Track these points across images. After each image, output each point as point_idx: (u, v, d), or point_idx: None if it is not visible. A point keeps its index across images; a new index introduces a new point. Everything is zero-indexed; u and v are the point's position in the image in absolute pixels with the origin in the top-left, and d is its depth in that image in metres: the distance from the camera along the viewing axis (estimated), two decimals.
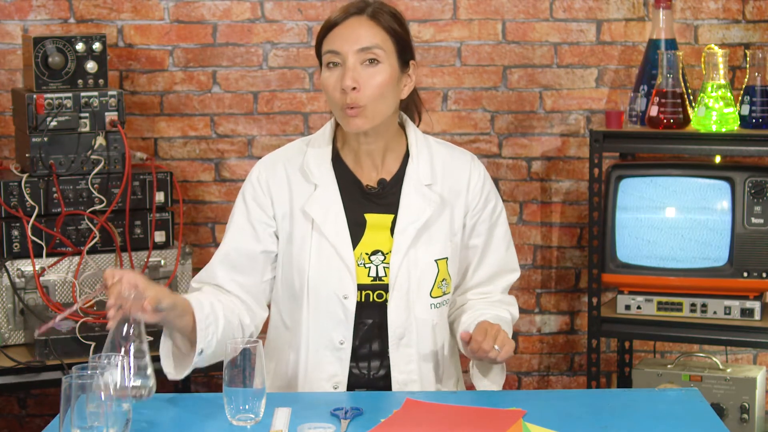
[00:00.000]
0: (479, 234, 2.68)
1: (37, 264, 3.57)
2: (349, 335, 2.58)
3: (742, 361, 4.22)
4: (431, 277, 2.61)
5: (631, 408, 2.43)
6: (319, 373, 2.60)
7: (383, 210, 2.62)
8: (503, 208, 2.74)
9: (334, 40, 2.54)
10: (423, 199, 2.61)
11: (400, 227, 2.59)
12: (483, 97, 4.21)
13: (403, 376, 2.60)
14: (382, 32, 2.54)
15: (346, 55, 2.52)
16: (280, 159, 2.67)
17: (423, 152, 2.65)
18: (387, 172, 2.64)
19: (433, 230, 2.62)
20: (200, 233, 4.22)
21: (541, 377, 4.33)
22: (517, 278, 2.76)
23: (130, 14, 4.11)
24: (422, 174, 2.63)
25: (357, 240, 2.59)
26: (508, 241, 2.75)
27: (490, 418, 2.33)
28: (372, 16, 2.55)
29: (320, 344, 2.59)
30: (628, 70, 4.17)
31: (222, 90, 4.17)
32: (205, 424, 2.32)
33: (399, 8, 2.67)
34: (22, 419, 4.24)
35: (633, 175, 3.82)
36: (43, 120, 3.60)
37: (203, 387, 4.23)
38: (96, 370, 2.06)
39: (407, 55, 2.60)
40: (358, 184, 2.63)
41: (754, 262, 3.72)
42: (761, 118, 3.73)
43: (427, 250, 2.60)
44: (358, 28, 2.53)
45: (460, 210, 2.66)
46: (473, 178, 2.67)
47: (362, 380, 2.62)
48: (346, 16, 2.55)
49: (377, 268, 2.59)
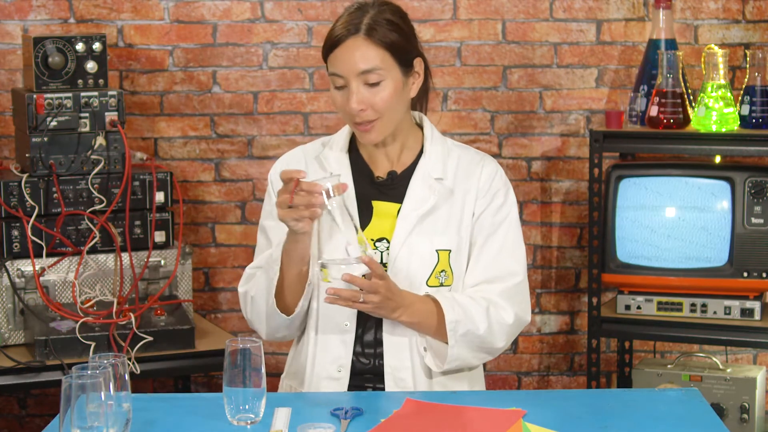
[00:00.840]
0: (479, 231, 2.67)
1: (37, 264, 3.57)
2: (353, 318, 2.61)
3: (742, 361, 4.22)
4: (430, 265, 2.61)
5: (631, 408, 2.43)
6: (325, 355, 2.63)
7: (391, 199, 2.67)
8: (513, 211, 2.70)
9: (336, 63, 2.57)
10: (429, 189, 2.64)
11: (403, 213, 2.63)
12: (483, 97, 4.21)
13: (395, 362, 2.60)
14: (380, 51, 2.55)
15: (349, 79, 2.56)
16: (298, 152, 2.76)
17: (437, 149, 2.69)
18: (400, 166, 2.70)
19: (437, 220, 2.63)
20: (200, 233, 4.22)
21: (541, 377, 4.33)
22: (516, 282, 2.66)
23: (130, 14, 4.11)
24: (433, 168, 2.67)
25: (365, 226, 2.64)
26: (514, 245, 2.69)
27: (490, 418, 2.34)
28: (368, 34, 2.55)
29: (327, 326, 2.63)
30: (628, 70, 4.17)
31: (222, 90, 4.17)
32: (205, 424, 2.32)
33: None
34: (22, 419, 4.24)
35: (633, 175, 3.82)
36: (43, 120, 3.60)
37: (203, 387, 4.24)
38: (96, 370, 2.06)
39: (410, 57, 2.62)
40: (371, 175, 2.69)
41: (754, 262, 3.72)
42: (761, 118, 3.73)
43: (429, 238, 2.62)
44: (355, 50, 2.55)
45: (470, 206, 2.67)
46: (483, 176, 2.68)
47: (367, 368, 2.64)
48: (344, 36, 2.56)
49: (382, 254, 2.62)
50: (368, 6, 2.60)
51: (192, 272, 3.80)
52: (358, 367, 2.64)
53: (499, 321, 2.62)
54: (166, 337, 3.54)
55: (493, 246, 2.67)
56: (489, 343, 2.62)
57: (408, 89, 2.63)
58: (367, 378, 2.64)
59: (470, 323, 2.58)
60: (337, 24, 2.59)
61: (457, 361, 2.60)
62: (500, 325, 2.62)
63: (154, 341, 3.53)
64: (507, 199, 2.70)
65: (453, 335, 2.56)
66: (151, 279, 3.70)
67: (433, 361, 2.62)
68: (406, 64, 2.60)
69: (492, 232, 2.68)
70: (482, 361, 2.69)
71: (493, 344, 2.63)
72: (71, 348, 3.45)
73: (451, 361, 2.59)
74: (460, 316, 2.56)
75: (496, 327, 2.61)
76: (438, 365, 2.61)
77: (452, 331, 2.56)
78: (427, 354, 2.62)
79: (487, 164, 2.71)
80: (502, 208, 2.69)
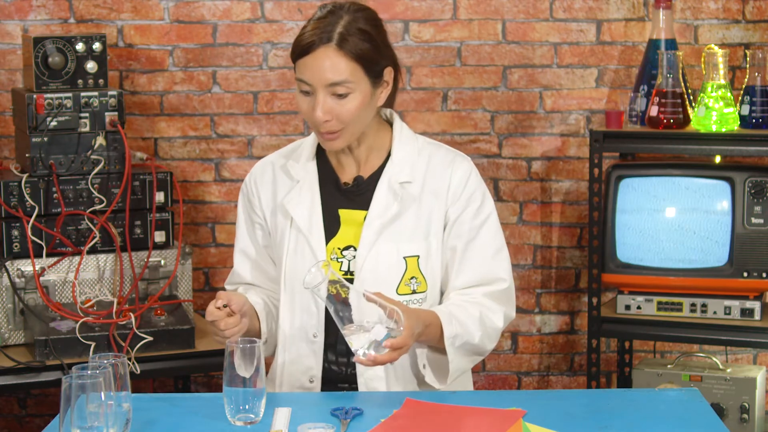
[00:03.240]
0: (459, 235, 2.63)
1: (37, 264, 3.57)
2: (321, 328, 2.60)
3: (742, 361, 4.22)
4: (398, 273, 2.59)
5: (631, 408, 2.43)
6: (297, 366, 2.63)
7: (357, 206, 2.64)
8: (493, 213, 2.67)
9: (304, 71, 2.52)
10: (393, 195, 2.60)
11: (368, 221, 2.60)
12: (483, 97, 4.21)
13: (369, 371, 2.59)
14: (351, 63, 2.50)
15: (316, 88, 2.51)
16: (269, 160, 2.76)
17: (405, 151, 2.64)
18: (368, 170, 2.66)
19: (402, 227, 2.60)
20: (200, 233, 4.22)
21: (541, 377, 4.33)
22: (502, 288, 2.65)
23: (130, 14, 4.11)
24: (399, 172, 2.62)
25: (332, 235, 2.62)
26: (497, 248, 2.66)
27: (490, 418, 2.34)
28: (340, 45, 2.49)
29: (297, 336, 2.63)
30: (628, 70, 4.17)
31: (222, 90, 4.17)
32: (205, 424, 2.32)
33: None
34: (22, 419, 4.24)
35: (633, 175, 3.82)
36: (43, 120, 3.60)
37: (203, 387, 4.24)
38: (96, 370, 2.06)
39: (381, 67, 2.57)
40: (337, 181, 2.66)
41: (754, 262, 3.72)
42: (761, 118, 3.73)
43: (395, 245, 2.59)
44: (325, 60, 2.50)
45: (440, 209, 2.63)
46: (454, 177, 2.64)
47: (341, 376, 2.63)
48: (314, 43, 2.50)
49: (349, 262, 2.61)
50: (342, 11, 2.54)
51: (192, 272, 3.80)
52: (332, 376, 2.63)
53: (492, 326, 2.62)
54: (166, 337, 3.54)
55: (476, 251, 2.64)
56: (482, 348, 2.62)
57: (376, 99, 2.59)
58: (342, 387, 2.63)
59: (467, 335, 2.56)
60: (308, 28, 2.53)
61: (457, 373, 2.59)
62: (493, 329, 2.62)
63: (154, 341, 3.53)
64: (484, 201, 2.66)
65: (452, 349, 2.54)
66: (151, 279, 3.70)
67: (434, 379, 2.59)
68: (375, 76, 2.56)
69: (473, 237, 2.64)
70: (475, 363, 2.68)
71: (485, 348, 2.63)
72: (71, 348, 3.45)
73: (453, 374, 2.58)
74: (458, 331, 2.54)
75: (489, 332, 2.61)
76: (440, 382, 2.59)
77: (451, 346, 2.53)
78: (427, 371, 2.59)
79: (459, 165, 2.65)
80: (480, 211, 2.65)
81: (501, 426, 2.29)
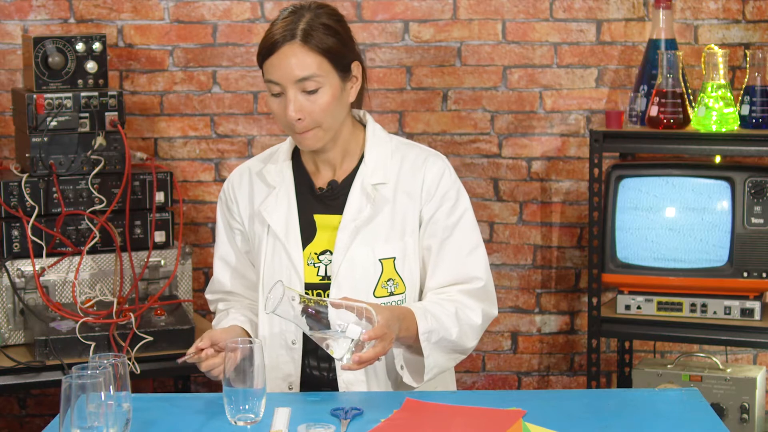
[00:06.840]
0: (433, 234, 2.62)
1: (37, 264, 3.57)
2: (299, 335, 2.60)
3: (742, 361, 4.22)
4: (374, 275, 2.59)
5: (631, 408, 2.43)
6: (276, 372, 2.62)
7: (332, 211, 2.63)
8: (468, 211, 2.65)
9: (272, 71, 2.52)
10: (366, 198, 2.60)
11: (342, 225, 2.60)
12: (483, 97, 4.21)
13: (349, 376, 2.58)
14: (317, 57, 2.51)
15: (286, 86, 2.51)
16: (246, 165, 2.75)
17: (378, 152, 2.64)
18: (342, 173, 2.66)
19: (377, 228, 2.60)
20: (200, 233, 4.22)
21: (541, 377, 4.33)
22: (478, 287, 2.63)
23: (130, 14, 4.11)
24: (372, 174, 2.62)
25: (309, 240, 2.62)
26: (472, 246, 2.64)
27: (490, 418, 2.34)
28: (304, 40, 2.50)
29: (275, 343, 2.63)
30: (628, 70, 4.17)
31: (222, 90, 4.17)
32: (205, 424, 2.33)
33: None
34: (22, 419, 4.24)
35: (633, 175, 3.82)
36: (43, 120, 3.60)
37: (203, 387, 4.24)
38: (96, 370, 2.06)
39: (348, 61, 2.57)
40: (312, 186, 2.66)
41: (754, 262, 3.72)
42: (761, 118, 3.73)
43: (370, 248, 2.59)
44: (291, 57, 2.50)
45: (414, 209, 2.62)
46: (428, 176, 2.63)
47: (323, 381, 2.63)
48: (279, 42, 2.50)
49: (326, 267, 2.60)
50: (304, 10, 2.55)
51: (192, 272, 3.80)
52: (313, 381, 2.63)
53: (469, 323, 2.59)
54: (166, 337, 3.54)
55: (451, 250, 2.62)
56: (461, 345, 2.59)
57: (347, 94, 2.58)
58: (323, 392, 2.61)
59: (443, 330, 2.54)
60: (272, 29, 2.54)
61: (434, 369, 2.56)
62: (470, 326, 2.59)
63: (154, 341, 3.53)
64: (459, 200, 2.65)
65: (427, 345, 2.52)
66: (151, 279, 3.70)
67: (411, 378, 2.57)
68: (343, 69, 2.56)
69: (447, 236, 2.62)
70: (456, 362, 2.66)
71: (465, 345, 2.60)
72: (71, 348, 3.46)
73: (429, 371, 2.54)
74: (433, 326, 2.52)
75: (466, 328, 2.59)
76: (416, 381, 2.57)
77: (426, 341, 2.51)
78: (405, 372, 2.57)
79: (433, 164, 2.64)
80: (454, 209, 2.64)
81: (501, 426, 2.29)
